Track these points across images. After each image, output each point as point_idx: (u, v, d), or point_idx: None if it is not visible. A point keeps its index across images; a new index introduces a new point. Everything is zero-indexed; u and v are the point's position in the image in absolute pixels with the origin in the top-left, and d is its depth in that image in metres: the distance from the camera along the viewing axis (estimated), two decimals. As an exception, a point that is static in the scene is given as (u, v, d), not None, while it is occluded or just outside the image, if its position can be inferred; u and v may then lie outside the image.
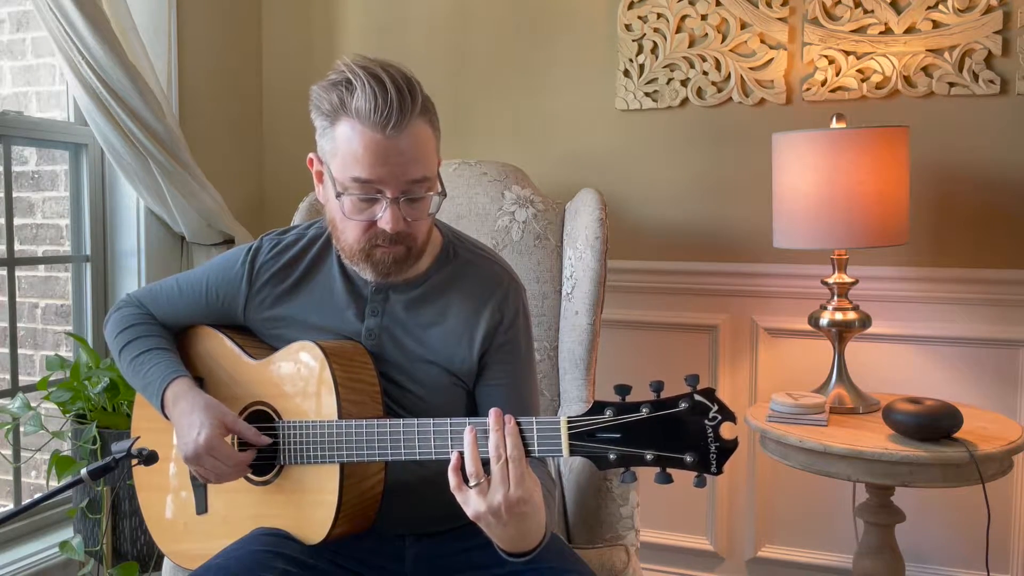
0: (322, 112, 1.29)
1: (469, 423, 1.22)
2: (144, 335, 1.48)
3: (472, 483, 1.15)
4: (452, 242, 1.46)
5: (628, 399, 1.14)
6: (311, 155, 1.36)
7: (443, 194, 1.32)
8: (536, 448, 1.18)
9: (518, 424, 1.18)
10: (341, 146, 1.27)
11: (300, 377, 1.35)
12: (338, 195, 1.29)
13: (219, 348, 1.47)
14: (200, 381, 1.45)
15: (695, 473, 1.13)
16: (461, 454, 1.17)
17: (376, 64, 1.26)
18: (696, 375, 1.13)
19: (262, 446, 1.33)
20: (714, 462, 1.11)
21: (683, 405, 1.12)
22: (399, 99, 1.23)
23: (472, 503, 1.15)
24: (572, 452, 1.16)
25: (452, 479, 1.16)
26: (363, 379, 1.34)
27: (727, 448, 1.12)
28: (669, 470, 1.13)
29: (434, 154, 1.31)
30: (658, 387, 1.14)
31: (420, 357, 1.39)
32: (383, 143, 1.24)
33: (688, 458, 1.12)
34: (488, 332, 1.39)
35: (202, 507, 1.43)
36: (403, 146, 1.25)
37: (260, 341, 1.47)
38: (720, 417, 1.12)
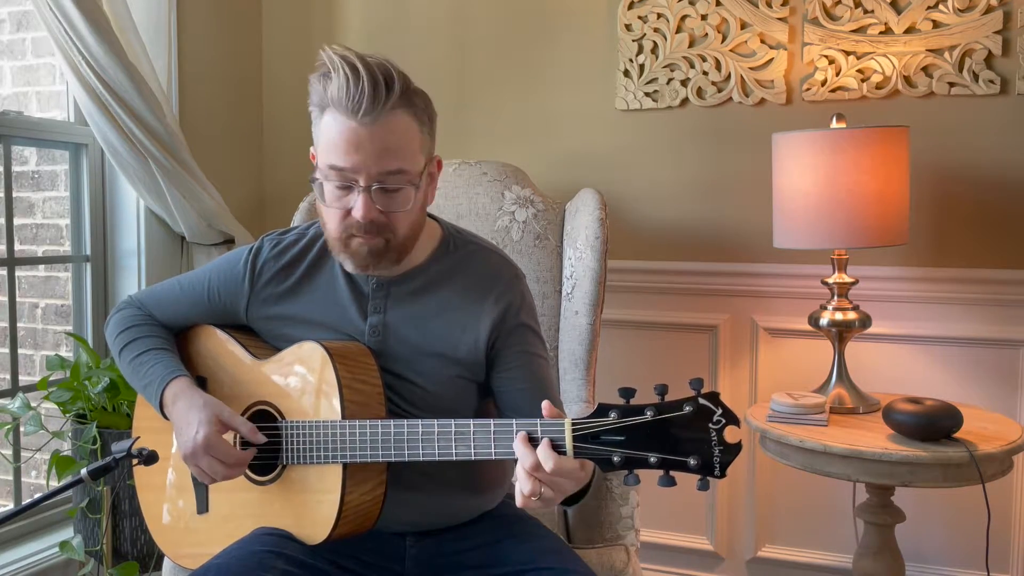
0: (313, 103, 1.31)
1: (473, 424, 1.22)
2: (144, 336, 1.48)
3: (535, 499, 1.15)
4: (452, 235, 1.46)
5: (632, 402, 1.15)
6: (312, 148, 1.37)
7: (417, 187, 1.30)
8: None
9: (525, 430, 1.18)
10: (323, 134, 1.29)
11: (304, 377, 1.35)
12: (316, 181, 1.31)
13: (222, 348, 1.47)
14: (203, 381, 1.46)
15: (698, 476, 1.13)
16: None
17: (354, 54, 1.27)
18: (700, 379, 1.13)
19: (258, 444, 1.33)
20: (717, 465, 1.12)
21: (687, 409, 1.12)
22: (372, 87, 1.24)
23: (537, 504, 1.17)
24: (576, 454, 1.16)
25: (521, 502, 1.16)
26: (367, 380, 1.34)
27: (730, 452, 1.12)
28: (672, 473, 1.13)
29: (416, 149, 1.30)
30: (662, 390, 1.15)
31: (424, 350, 1.39)
32: (357, 130, 1.25)
33: (692, 461, 1.12)
34: (496, 321, 1.39)
35: (203, 507, 1.43)
36: (377, 135, 1.25)
37: (263, 341, 1.47)
38: (724, 421, 1.12)
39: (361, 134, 1.25)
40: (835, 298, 2.04)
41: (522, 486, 1.14)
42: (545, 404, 1.18)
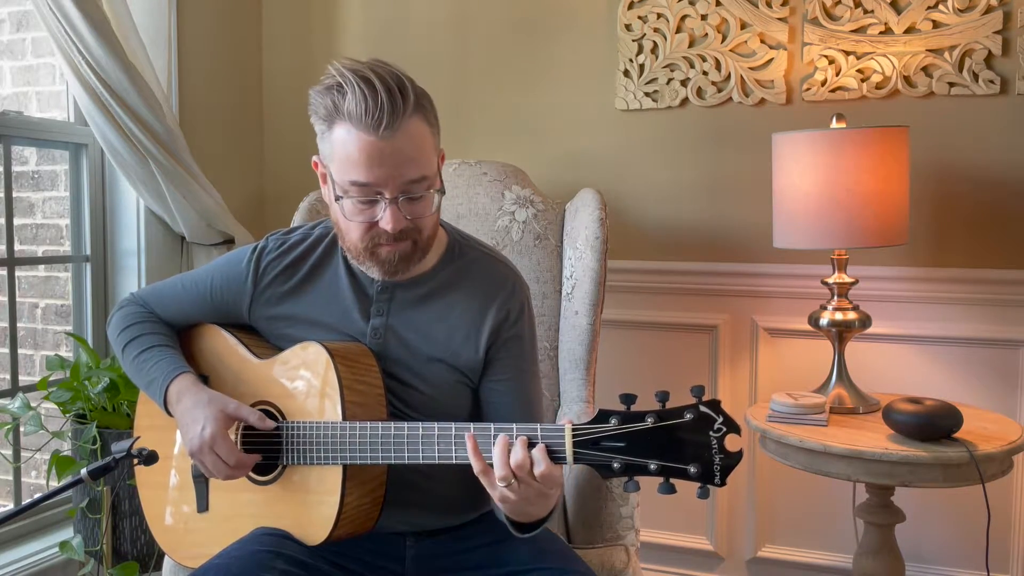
0: (319, 116, 1.29)
1: (473, 428, 1.23)
2: (147, 333, 1.48)
3: (502, 485, 1.16)
4: (457, 240, 1.46)
5: (633, 408, 1.15)
6: (314, 158, 1.37)
7: (442, 191, 1.33)
8: None
9: (524, 436, 1.18)
10: (338, 150, 1.27)
11: (305, 378, 1.35)
12: (338, 198, 1.30)
13: (224, 347, 1.47)
14: (204, 379, 1.45)
15: (698, 484, 1.13)
16: (474, 439, 1.20)
17: (366, 66, 1.26)
18: (701, 386, 1.13)
19: (267, 430, 1.33)
20: (718, 474, 1.12)
21: (688, 416, 1.12)
22: (390, 100, 1.23)
23: (500, 494, 1.18)
24: (576, 460, 1.16)
25: (475, 463, 1.19)
26: (368, 381, 1.34)
27: (731, 460, 1.12)
28: (672, 480, 1.13)
29: (432, 151, 1.31)
30: (663, 397, 1.15)
31: (426, 355, 1.39)
32: (377, 145, 1.24)
33: (692, 469, 1.12)
34: (494, 328, 1.40)
35: (203, 505, 1.43)
36: (398, 146, 1.25)
37: (265, 340, 1.47)
38: (725, 429, 1.12)
39: (383, 148, 1.24)
40: (835, 298, 2.04)
41: (497, 471, 1.16)
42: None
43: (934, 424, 1.78)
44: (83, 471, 1.34)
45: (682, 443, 1.12)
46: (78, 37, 2.07)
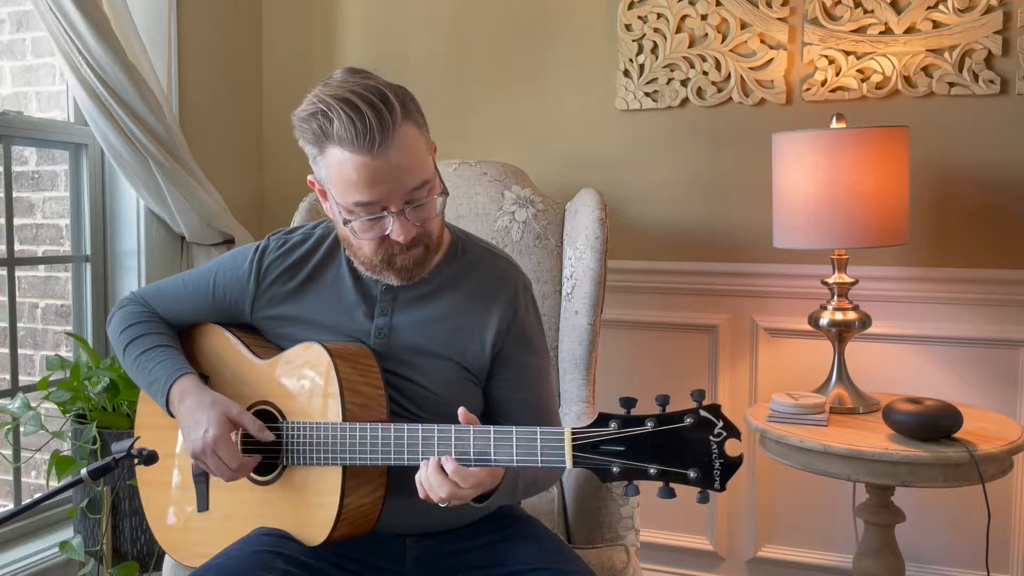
0: (307, 140, 1.29)
1: (473, 430, 1.23)
2: (148, 332, 1.48)
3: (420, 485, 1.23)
4: (460, 239, 1.47)
5: (633, 412, 1.15)
6: (310, 177, 1.36)
7: (445, 193, 1.33)
8: (539, 458, 1.18)
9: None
10: (335, 173, 1.27)
11: (305, 378, 1.35)
12: (346, 222, 1.30)
13: (225, 347, 1.47)
14: (205, 379, 1.46)
15: (698, 489, 1.13)
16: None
17: (344, 88, 1.24)
18: (702, 390, 1.13)
19: (265, 441, 1.33)
20: (717, 478, 1.12)
21: (688, 420, 1.12)
22: (377, 118, 1.22)
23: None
24: (575, 463, 1.16)
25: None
26: (368, 382, 1.34)
27: (731, 465, 1.12)
28: (672, 485, 1.13)
29: (425, 152, 1.31)
30: (664, 401, 1.15)
31: (431, 353, 1.39)
32: (374, 163, 1.24)
33: (692, 474, 1.12)
34: (501, 328, 1.40)
35: (203, 505, 1.43)
36: (394, 160, 1.24)
37: (266, 340, 1.47)
38: (725, 434, 1.12)
39: (380, 165, 1.24)
40: (835, 298, 2.04)
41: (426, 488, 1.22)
42: (461, 411, 1.23)
43: (934, 424, 1.78)
44: (83, 471, 1.34)
45: (682, 448, 1.12)
46: (78, 37, 2.07)
